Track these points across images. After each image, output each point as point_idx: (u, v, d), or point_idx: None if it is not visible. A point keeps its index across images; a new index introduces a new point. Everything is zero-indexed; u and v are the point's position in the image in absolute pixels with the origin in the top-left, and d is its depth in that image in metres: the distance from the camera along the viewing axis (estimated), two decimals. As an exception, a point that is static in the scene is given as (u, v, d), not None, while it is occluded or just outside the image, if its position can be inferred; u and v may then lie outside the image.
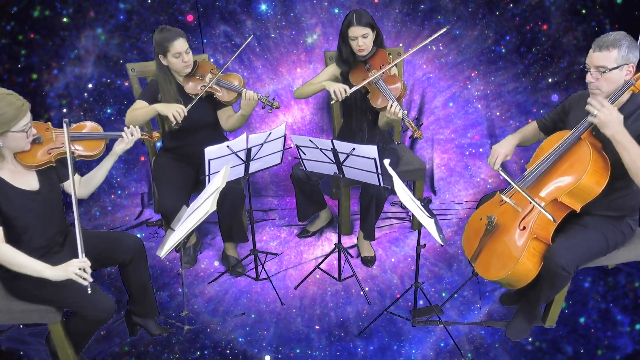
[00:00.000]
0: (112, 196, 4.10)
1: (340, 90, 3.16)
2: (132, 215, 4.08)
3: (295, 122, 4.27)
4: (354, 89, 3.18)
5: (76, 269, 2.25)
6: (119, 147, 2.65)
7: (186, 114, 3.10)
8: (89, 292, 2.29)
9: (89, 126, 2.64)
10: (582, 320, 3.02)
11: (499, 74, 4.24)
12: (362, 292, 3.26)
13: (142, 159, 4.21)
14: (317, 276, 3.41)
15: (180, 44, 3.08)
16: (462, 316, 3.08)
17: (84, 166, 3.88)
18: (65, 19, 3.80)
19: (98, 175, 2.66)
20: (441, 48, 4.18)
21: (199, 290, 3.34)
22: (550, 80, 4.22)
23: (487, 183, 4.33)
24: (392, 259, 3.59)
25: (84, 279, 2.26)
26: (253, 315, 3.06)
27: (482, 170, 4.36)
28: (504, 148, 2.78)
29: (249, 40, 3.32)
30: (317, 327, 3.03)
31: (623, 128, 2.32)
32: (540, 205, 2.50)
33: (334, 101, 3.19)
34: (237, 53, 3.26)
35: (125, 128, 2.67)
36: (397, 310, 3.09)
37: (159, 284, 3.34)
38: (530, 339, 2.88)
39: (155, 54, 3.16)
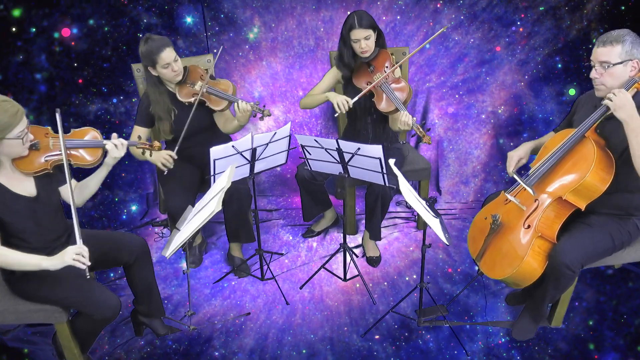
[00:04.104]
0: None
1: (342, 103, 3.16)
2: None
3: (300, 122, 4.27)
4: (355, 98, 3.18)
5: (73, 254, 2.22)
6: (109, 158, 2.54)
7: (175, 157, 3.10)
8: (88, 276, 2.27)
9: (88, 134, 2.56)
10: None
11: (467, -8, 3.96)
12: (367, 292, 3.26)
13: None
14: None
15: (167, 54, 3.00)
16: (467, 316, 3.08)
17: (79, 174, 3.84)
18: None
19: (91, 184, 2.58)
20: (395, -10, 3.95)
21: (204, 290, 3.35)
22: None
23: (496, 116, 4.17)
24: (398, 259, 3.58)
25: (83, 263, 2.22)
26: (304, 351, 2.90)
27: (487, 104, 4.19)
28: (518, 152, 2.80)
29: (219, 51, 3.27)
30: (377, 337, 2.96)
31: (637, 113, 2.33)
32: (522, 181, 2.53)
33: (337, 114, 3.20)
34: (213, 63, 3.20)
35: (111, 140, 2.54)
36: (402, 310, 3.09)
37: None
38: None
39: (143, 66, 3.11)
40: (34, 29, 3.69)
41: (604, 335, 2.92)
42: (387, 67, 3.22)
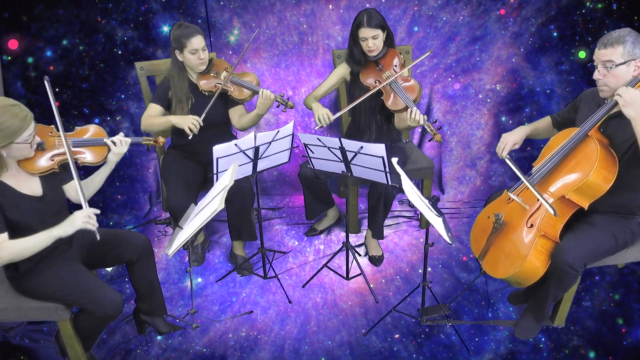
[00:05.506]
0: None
1: (324, 117, 3.21)
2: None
3: (303, 120, 4.26)
4: (337, 114, 3.26)
5: (82, 218, 2.26)
6: (111, 154, 2.56)
7: (202, 124, 3.13)
8: (98, 238, 2.30)
9: (92, 131, 2.58)
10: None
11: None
12: (370, 291, 3.26)
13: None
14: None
15: (197, 41, 3.10)
16: (470, 315, 3.07)
17: (84, 174, 3.79)
18: None
19: (95, 182, 2.61)
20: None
21: (207, 288, 3.35)
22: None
23: (495, 93, 4.05)
24: (400, 258, 3.58)
25: (92, 225, 2.27)
26: (323, 359, 2.84)
27: (484, 82, 4.07)
28: (513, 136, 2.77)
29: (255, 34, 3.33)
30: (396, 335, 2.94)
31: None
32: (542, 197, 2.49)
33: (318, 127, 3.23)
34: (245, 49, 3.27)
35: (115, 137, 2.57)
36: (405, 308, 3.09)
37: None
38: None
39: (172, 48, 3.18)
40: (8, 57, 3.62)
41: (632, 309, 2.92)
42: (396, 65, 3.22)
